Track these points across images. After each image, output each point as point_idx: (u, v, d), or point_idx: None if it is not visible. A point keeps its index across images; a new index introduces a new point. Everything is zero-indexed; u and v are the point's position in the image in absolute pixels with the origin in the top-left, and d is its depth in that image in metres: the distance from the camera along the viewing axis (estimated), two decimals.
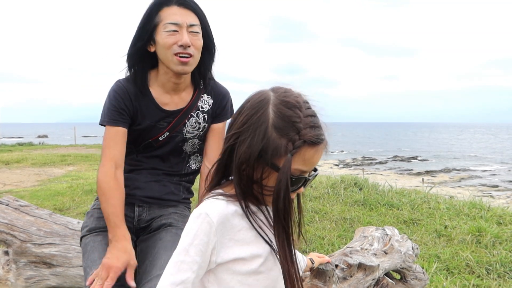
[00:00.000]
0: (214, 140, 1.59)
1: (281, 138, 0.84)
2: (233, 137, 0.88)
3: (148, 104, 1.49)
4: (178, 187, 1.59)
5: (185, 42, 1.38)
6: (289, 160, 0.83)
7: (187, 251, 0.85)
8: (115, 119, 1.45)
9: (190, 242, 0.85)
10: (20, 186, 7.29)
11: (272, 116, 0.86)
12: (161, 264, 1.30)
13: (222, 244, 0.87)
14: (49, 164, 10.74)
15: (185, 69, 1.42)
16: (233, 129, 0.89)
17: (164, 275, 0.85)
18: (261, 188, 0.88)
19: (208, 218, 0.85)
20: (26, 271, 1.66)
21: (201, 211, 0.87)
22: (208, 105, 1.57)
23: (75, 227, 1.72)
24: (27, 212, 1.80)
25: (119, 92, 1.47)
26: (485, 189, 14.96)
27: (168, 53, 1.39)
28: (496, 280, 2.71)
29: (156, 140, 1.52)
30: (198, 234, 0.85)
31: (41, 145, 19.85)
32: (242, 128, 0.87)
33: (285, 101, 0.87)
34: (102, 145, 1.48)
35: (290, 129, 0.85)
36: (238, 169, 0.88)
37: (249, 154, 0.85)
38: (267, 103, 0.87)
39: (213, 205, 0.88)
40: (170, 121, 1.51)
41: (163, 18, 1.39)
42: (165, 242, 1.40)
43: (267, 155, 0.84)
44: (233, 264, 0.88)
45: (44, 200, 5.54)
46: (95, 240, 1.41)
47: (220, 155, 0.92)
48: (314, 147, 0.86)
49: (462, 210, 4.21)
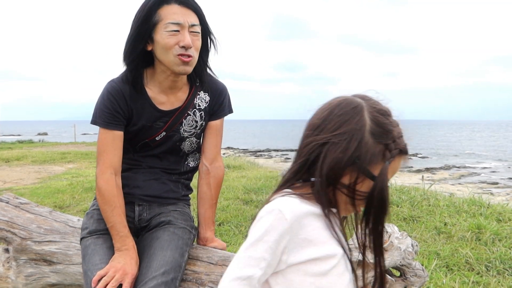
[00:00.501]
0: (211, 137, 1.58)
1: (378, 145, 0.86)
2: (321, 142, 0.87)
3: (144, 104, 1.46)
4: (177, 185, 1.59)
5: (188, 43, 1.34)
6: (386, 168, 0.85)
7: (255, 246, 0.82)
8: (110, 122, 1.42)
9: (260, 238, 0.82)
10: (20, 184, 7.29)
11: (369, 123, 0.86)
12: (156, 265, 1.29)
13: (295, 244, 0.84)
14: (49, 162, 10.74)
15: (186, 69, 1.38)
16: (321, 134, 0.88)
17: (230, 269, 0.83)
18: (353, 193, 0.88)
19: (281, 215, 0.83)
20: (27, 269, 1.66)
21: (273, 207, 0.84)
22: (205, 103, 1.54)
23: (75, 224, 1.72)
24: (27, 209, 1.80)
25: (113, 94, 1.42)
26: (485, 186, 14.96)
27: (169, 54, 1.35)
28: (495, 277, 2.72)
29: (153, 140, 1.50)
30: (269, 231, 0.82)
31: (41, 143, 19.86)
32: (335, 133, 0.86)
33: (378, 108, 0.88)
34: (97, 147, 1.44)
35: (387, 137, 0.86)
36: (326, 173, 0.86)
37: (342, 159, 0.85)
38: (362, 110, 0.87)
39: (287, 202, 0.86)
40: (167, 121, 1.48)
41: (163, 17, 1.33)
42: (162, 241, 1.39)
43: (363, 161, 0.85)
44: (306, 264, 0.86)
45: (44, 197, 5.54)
46: (96, 243, 1.40)
47: (302, 158, 0.90)
48: (403, 157, 0.89)
49: (462, 207, 4.21)
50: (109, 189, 1.39)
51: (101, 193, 1.40)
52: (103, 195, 1.39)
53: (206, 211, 1.59)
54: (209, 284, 1.36)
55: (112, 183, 1.40)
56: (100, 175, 1.41)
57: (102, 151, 1.43)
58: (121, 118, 1.44)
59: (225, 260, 1.44)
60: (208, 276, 1.39)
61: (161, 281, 1.25)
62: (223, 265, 1.41)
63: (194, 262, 1.45)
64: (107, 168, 1.41)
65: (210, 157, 1.58)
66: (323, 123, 0.89)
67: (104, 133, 1.42)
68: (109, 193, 1.39)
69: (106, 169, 1.41)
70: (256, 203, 4.80)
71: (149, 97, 1.46)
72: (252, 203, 4.83)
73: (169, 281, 1.27)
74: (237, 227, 3.90)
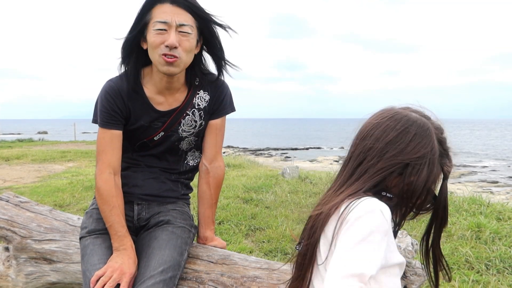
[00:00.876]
0: (212, 136, 1.56)
1: (439, 164, 0.93)
2: (402, 164, 0.91)
3: (142, 105, 1.45)
4: (177, 184, 1.58)
5: (171, 42, 1.31)
6: (446, 185, 0.93)
7: (363, 245, 0.83)
8: (108, 121, 1.41)
9: (365, 237, 0.83)
10: (20, 182, 7.29)
11: (436, 145, 0.92)
12: (155, 264, 1.29)
13: (388, 246, 0.87)
14: (49, 161, 10.75)
15: (171, 70, 1.35)
16: (401, 155, 0.91)
17: (337, 268, 0.83)
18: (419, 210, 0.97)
19: (382, 216, 0.85)
20: (27, 267, 1.66)
21: (373, 207, 0.86)
22: (204, 102, 1.52)
23: (75, 223, 1.72)
24: (27, 208, 1.80)
25: (111, 93, 1.41)
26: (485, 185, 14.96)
27: (155, 53, 1.34)
28: (495, 276, 2.72)
29: (151, 140, 1.50)
30: (374, 231, 0.83)
31: (41, 141, 19.85)
32: (415, 157, 0.90)
33: (438, 127, 0.96)
34: (97, 146, 1.44)
35: (446, 156, 0.94)
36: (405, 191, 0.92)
37: (421, 182, 0.90)
38: (431, 132, 0.93)
39: (383, 205, 0.88)
40: (165, 121, 1.47)
41: (153, 15, 1.33)
42: (160, 240, 1.39)
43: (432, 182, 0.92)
44: (393, 267, 0.90)
45: (44, 196, 5.55)
46: (94, 243, 1.40)
47: (379, 173, 0.93)
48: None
49: (462, 206, 4.22)
50: (108, 189, 1.39)
51: (100, 192, 1.39)
52: (102, 195, 1.39)
53: (205, 210, 1.59)
54: (209, 283, 1.36)
55: (111, 183, 1.40)
56: (99, 174, 1.41)
57: (101, 150, 1.42)
58: (119, 117, 1.43)
59: (225, 259, 1.44)
60: (208, 274, 1.39)
61: (159, 279, 1.25)
62: (223, 264, 1.42)
63: (194, 260, 1.45)
64: (106, 167, 1.41)
65: (209, 156, 1.57)
66: (400, 142, 0.92)
67: (103, 132, 1.42)
68: (108, 193, 1.39)
69: (105, 168, 1.41)
70: (256, 202, 4.80)
71: (147, 97, 1.45)
72: (252, 201, 4.83)
73: (168, 279, 1.27)
74: (237, 226, 3.90)
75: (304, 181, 6.12)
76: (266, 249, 3.35)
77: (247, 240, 3.64)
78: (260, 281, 1.33)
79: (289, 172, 6.55)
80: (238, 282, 1.34)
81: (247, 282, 1.33)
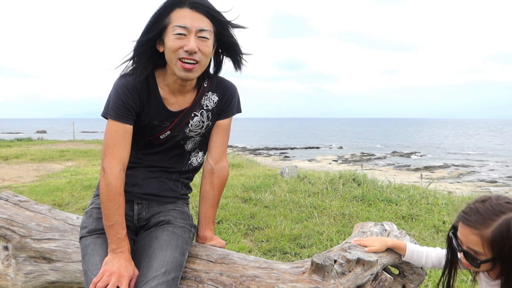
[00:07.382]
0: (218, 136, 1.57)
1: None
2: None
3: (155, 103, 1.46)
4: (177, 184, 1.58)
5: (191, 48, 1.33)
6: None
7: None
8: (123, 115, 1.40)
9: None
10: (19, 182, 7.29)
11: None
12: (157, 265, 1.29)
13: None
14: (48, 160, 10.74)
15: (189, 75, 1.38)
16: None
17: None
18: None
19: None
20: (26, 266, 1.66)
21: None
22: (213, 103, 1.53)
23: (75, 222, 1.72)
24: (26, 207, 1.80)
25: (129, 88, 1.40)
26: (484, 185, 15.00)
27: (173, 57, 1.35)
28: None
29: (157, 138, 1.50)
30: None
31: (40, 141, 19.82)
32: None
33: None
34: (106, 139, 1.40)
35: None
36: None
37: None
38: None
39: None
40: (173, 120, 1.49)
41: (173, 20, 1.33)
42: (161, 241, 1.38)
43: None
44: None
45: (43, 195, 5.55)
46: (95, 243, 1.39)
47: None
48: None
49: (461, 206, 4.23)
50: (118, 186, 1.36)
51: (110, 188, 1.35)
52: (111, 191, 1.35)
53: (207, 210, 1.59)
54: (208, 282, 1.36)
55: (121, 180, 1.38)
56: (110, 169, 1.36)
57: (112, 144, 1.39)
58: (133, 112, 1.43)
59: (224, 258, 1.44)
60: (207, 274, 1.39)
61: (162, 280, 1.25)
62: (222, 263, 1.42)
63: (193, 260, 1.45)
64: (117, 162, 1.38)
65: (215, 156, 1.57)
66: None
67: (115, 126, 1.40)
68: (117, 190, 1.36)
69: (116, 163, 1.38)
70: (255, 201, 4.81)
71: (161, 97, 1.46)
72: (251, 201, 4.84)
73: (170, 280, 1.27)
74: (236, 225, 3.90)
75: (303, 180, 6.13)
76: (265, 248, 3.35)
77: (246, 239, 3.64)
78: (259, 280, 1.33)
79: (288, 172, 6.56)
80: (237, 281, 1.34)
81: (246, 281, 1.33)
